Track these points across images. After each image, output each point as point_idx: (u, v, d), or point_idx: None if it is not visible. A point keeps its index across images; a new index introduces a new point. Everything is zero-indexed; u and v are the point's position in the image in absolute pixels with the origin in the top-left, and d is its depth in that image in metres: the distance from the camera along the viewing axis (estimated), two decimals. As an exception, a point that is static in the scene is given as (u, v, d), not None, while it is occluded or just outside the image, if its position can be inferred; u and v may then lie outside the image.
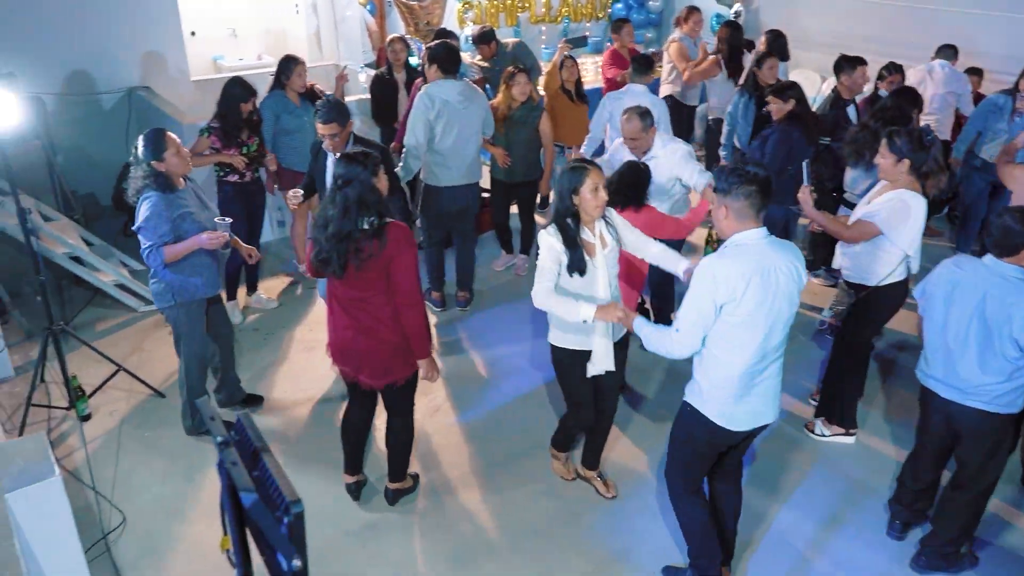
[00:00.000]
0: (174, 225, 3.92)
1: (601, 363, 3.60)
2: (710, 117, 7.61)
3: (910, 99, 5.00)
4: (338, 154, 4.18)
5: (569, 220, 3.40)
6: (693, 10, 8.01)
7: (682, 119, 7.67)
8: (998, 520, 3.94)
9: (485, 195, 6.54)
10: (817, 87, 8.88)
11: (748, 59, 7.22)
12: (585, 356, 3.62)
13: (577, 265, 3.40)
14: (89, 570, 2.71)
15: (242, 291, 5.87)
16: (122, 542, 3.76)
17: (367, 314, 3.45)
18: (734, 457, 3.36)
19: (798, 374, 5.06)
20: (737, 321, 2.89)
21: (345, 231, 3.26)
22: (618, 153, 4.90)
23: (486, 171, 6.34)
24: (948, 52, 6.96)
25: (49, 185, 6.40)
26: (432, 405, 4.77)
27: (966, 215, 6.37)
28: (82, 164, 6.91)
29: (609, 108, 5.80)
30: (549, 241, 3.42)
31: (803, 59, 7.91)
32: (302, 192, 4.69)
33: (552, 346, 3.72)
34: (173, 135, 3.98)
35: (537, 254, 3.49)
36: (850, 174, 5.23)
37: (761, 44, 7.03)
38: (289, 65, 5.69)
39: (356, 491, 4.06)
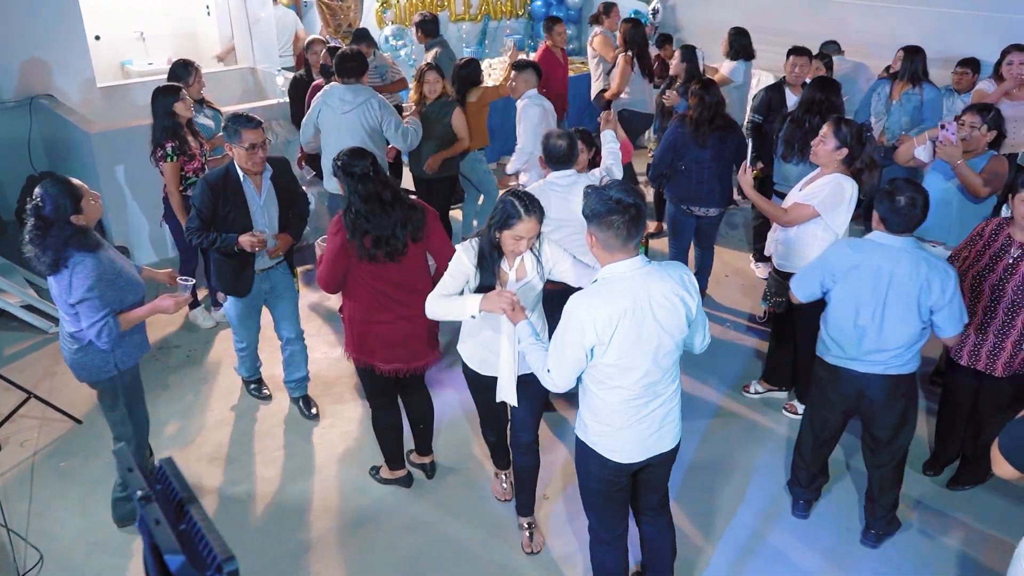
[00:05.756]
0: (116, 287, 3.32)
1: (505, 393, 3.38)
2: (620, 108, 7.29)
3: (835, 89, 5.06)
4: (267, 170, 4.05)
5: (493, 248, 3.17)
6: (612, 5, 8.09)
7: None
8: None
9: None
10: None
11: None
12: (491, 381, 3.43)
13: (484, 290, 3.14)
14: (4, 620, 2.54)
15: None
16: (40, 583, 3.56)
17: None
18: (652, 495, 3.17)
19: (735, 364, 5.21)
20: (608, 363, 2.69)
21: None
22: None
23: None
24: (832, 47, 7.14)
25: (-54, 201, 6.05)
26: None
27: None
28: (-18, 178, 6.55)
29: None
30: (462, 256, 3.21)
31: (718, 53, 8.00)
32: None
33: (461, 359, 3.55)
34: (76, 180, 3.32)
35: None
36: (782, 168, 5.28)
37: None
38: (188, 71, 5.33)
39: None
